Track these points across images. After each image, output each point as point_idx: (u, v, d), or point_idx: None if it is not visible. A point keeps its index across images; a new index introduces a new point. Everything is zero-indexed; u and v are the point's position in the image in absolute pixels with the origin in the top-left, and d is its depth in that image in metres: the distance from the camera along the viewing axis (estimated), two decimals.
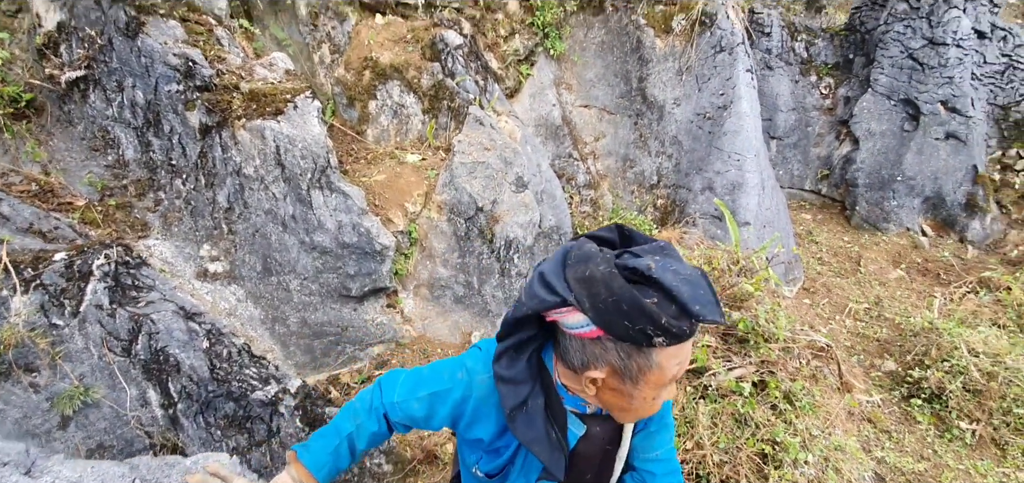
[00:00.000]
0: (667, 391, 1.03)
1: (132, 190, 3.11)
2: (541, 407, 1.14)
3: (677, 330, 0.88)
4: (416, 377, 1.29)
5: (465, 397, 1.21)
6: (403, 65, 3.73)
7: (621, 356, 0.97)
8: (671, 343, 0.91)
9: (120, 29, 2.87)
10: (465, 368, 1.25)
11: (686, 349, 0.97)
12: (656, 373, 0.97)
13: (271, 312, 3.28)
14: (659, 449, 1.31)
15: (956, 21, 4.65)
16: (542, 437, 1.13)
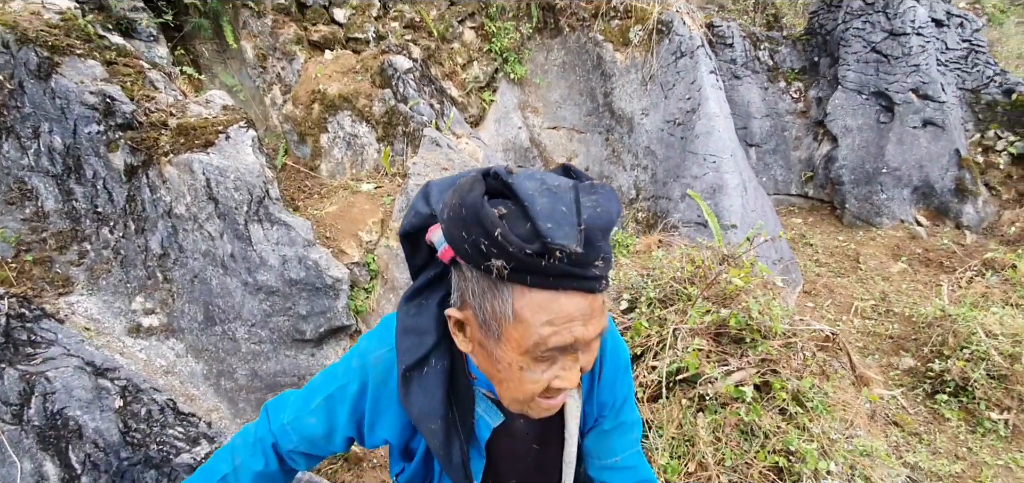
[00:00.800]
0: (545, 367, 0.75)
1: (52, 243, 2.81)
2: (443, 372, 0.88)
3: (516, 250, 0.64)
4: (308, 388, 1.03)
5: (362, 388, 0.95)
6: (353, 94, 3.55)
7: (475, 291, 0.74)
8: (520, 277, 0.68)
9: (32, 71, 2.66)
10: (359, 352, 0.99)
11: (562, 305, 0.70)
12: (517, 328, 0.71)
13: (215, 366, 2.92)
14: (619, 453, 1.07)
15: (912, 10, 4.64)
16: (436, 413, 0.87)
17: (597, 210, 0.68)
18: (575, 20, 4.46)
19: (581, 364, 0.78)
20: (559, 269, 0.67)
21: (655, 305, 2.60)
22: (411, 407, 0.88)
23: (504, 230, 0.65)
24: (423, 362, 0.88)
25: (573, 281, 0.69)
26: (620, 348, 1.04)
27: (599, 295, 0.73)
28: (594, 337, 0.75)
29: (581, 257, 0.66)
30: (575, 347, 0.75)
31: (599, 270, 0.70)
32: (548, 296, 0.69)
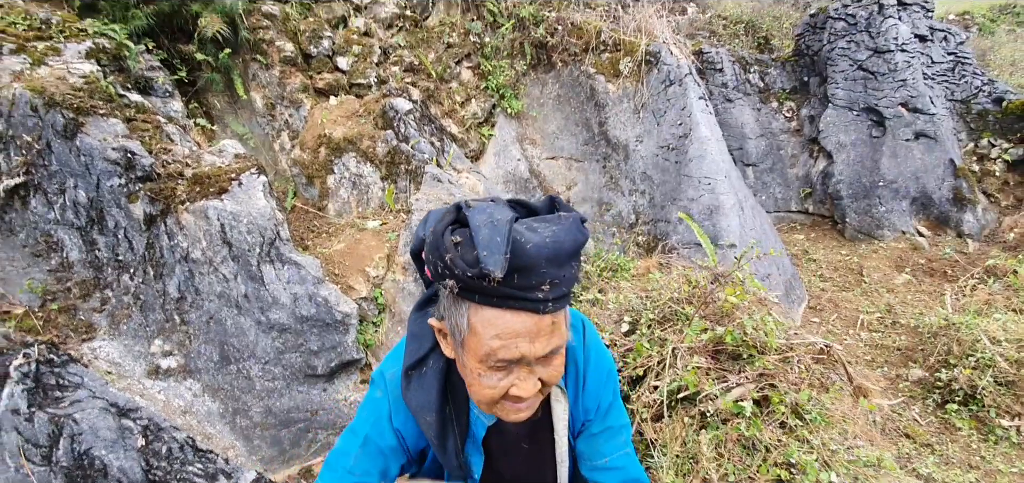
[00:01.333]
0: (502, 376, 0.86)
1: (76, 292, 2.95)
2: (440, 371, 0.99)
3: (460, 274, 0.77)
4: (347, 435, 1.09)
5: (391, 407, 1.05)
6: (357, 137, 3.72)
7: (446, 305, 0.87)
8: (470, 296, 0.80)
9: (58, 131, 2.85)
10: (380, 375, 1.10)
11: (507, 322, 0.80)
12: (472, 339, 0.84)
13: (231, 404, 3.01)
14: (607, 455, 1.16)
15: (894, 28, 4.78)
16: (432, 406, 0.98)
17: (545, 240, 0.78)
18: (567, 55, 4.64)
19: (540, 376, 0.88)
20: (501, 291, 0.77)
21: (655, 326, 2.66)
22: (410, 401, 0.99)
23: (454, 255, 0.77)
24: (421, 362, 1.00)
25: (516, 302, 0.79)
26: (603, 357, 1.14)
27: (547, 315, 0.82)
28: (544, 353, 0.84)
29: (521, 281, 0.77)
30: (524, 361, 0.84)
31: (544, 293, 0.79)
32: (495, 313, 0.80)
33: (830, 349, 2.20)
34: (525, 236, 0.78)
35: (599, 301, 3.21)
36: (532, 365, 0.86)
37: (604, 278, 3.78)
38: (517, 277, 0.77)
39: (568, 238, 0.81)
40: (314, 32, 4.29)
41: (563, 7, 4.75)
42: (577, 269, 0.86)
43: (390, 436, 1.05)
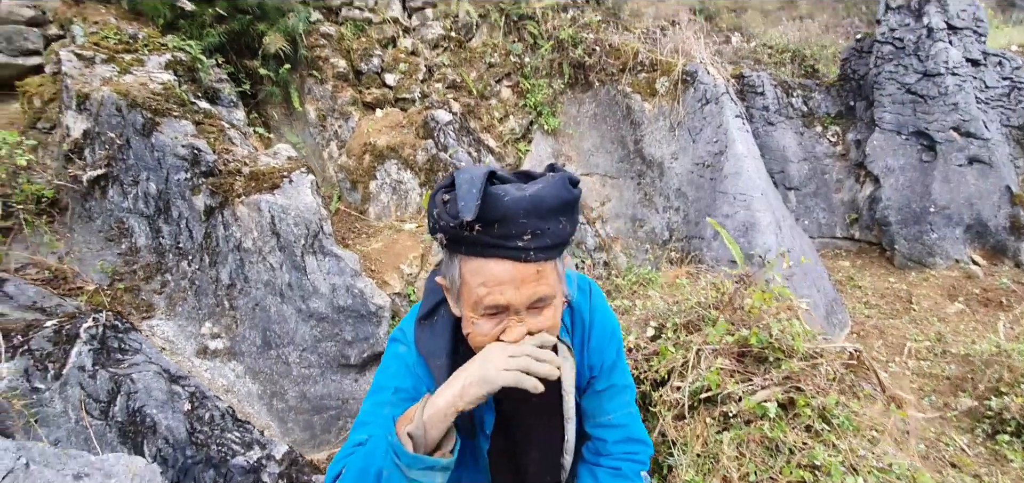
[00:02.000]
0: (494, 324, 0.92)
1: (141, 274, 3.23)
2: (450, 321, 1.05)
3: (445, 226, 0.85)
4: (374, 393, 1.12)
5: (414, 360, 1.09)
6: (399, 145, 3.93)
7: (445, 261, 0.95)
8: (457, 247, 0.89)
9: (137, 130, 3.18)
10: (399, 331, 1.17)
11: (491, 270, 0.87)
12: (464, 289, 0.92)
13: (270, 387, 3.18)
14: (611, 413, 1.22)
15: (944, 52, 4.65)
16: (442, 350, 1.03)
17: (525, 195, 0.85)
18: (604, 75, 4.76)
19: (530, 326, 0.93)
20: (482, 240, 0.85)
21: (680, 330, 2.66)
22: (421, 347, 1.06)
23: (440, 210, 0.86)
24: (432, 313, 1.08)
25: (498, 250, 0.86)
26: (608, 317, 1.21)
27: (530, 264, 0.88)
28: (530, 301, 0.90)
29: (501, 231, 0.85)
30: (511, 308, 0.90)
31: (525, 242, 0.86)
32: (480, 263, 0.88)
33: (860, 354, 2.14)
34: (506, 191, 0.86)
35: (628, 309, 3.22)
36: (520, 313, 0.91)
37: (634, 290, 3.78)
38: (498, 227, 0.85)
39: (549, 193, 0.87)
40: (365, 51, 4.60)
41: (602, 29, 4.89)
42: (566, 225, 0.92)
43: (420, 384, 1.08)
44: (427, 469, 0.87)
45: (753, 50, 8.27)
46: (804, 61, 7.58)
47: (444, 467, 0.89)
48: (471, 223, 0.83)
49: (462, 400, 0.89)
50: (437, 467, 0.88)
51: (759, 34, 8.49)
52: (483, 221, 0.84)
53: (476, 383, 0.89)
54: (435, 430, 0.89)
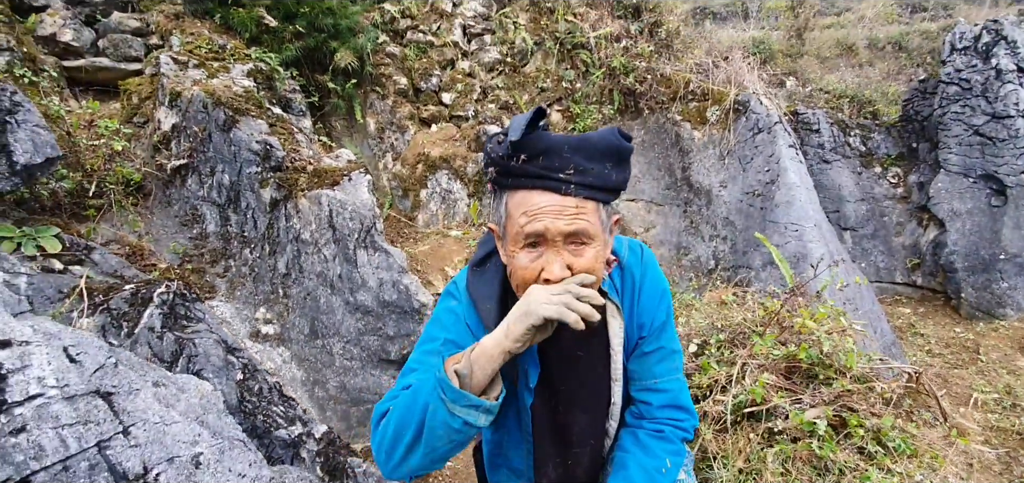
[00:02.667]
0: (534, 256, 0.94)
1: (207, 258, 3.48)
2: (500, 268, 1.07)
3: (495, 157, 0.92)
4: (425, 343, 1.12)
5: (466, 312, 1.11)
6: (451, 157, 4.09)
7: (494, 205, 0.99)
8: (505, 180, 0.93)
9: (219, 125, 3.48)
10: (453, 285, 1.18)
11: (533, 199, 0.91)
12: (509, 223, 0.96)
13: (313, 375, 3.31)
14: (659, 376, 1.18)
15: (1014, 94, 4.43)
16: (492, 295, 1.06)
17: (572, 135, 0.94)
18: (654, 103, 4.81)
19: (570, 263, 0.93)
20: (527, 170, 0.90)
21: (724, 347, 2.60)
22: (473, 291, 1.10)
23: (492, 146, 0.93)
24: (484, 260, 1.13)
25: (540, 181, 0.91)
26: (660, 277, 1.19)
27: (570, 197, 0.91)
28: (568, 231, 0.91)
29: (545, 162, 0.89)
30: (549, 236, 0.92)
31: (567, 176, 0.90)
32: (524, 194, 0.92)
33: (920, 377, 2.02)
34: (552, 132, 0.93)
35: None
36: (558, 245, 0.92)
37: (677, 312, 3.71)
38: (542, 159, 0.89)
39: (597, 137, 0.92)
40: (425, 70, 4.87)
41: (654, 59, 4.97)
42: (612, 172, 0.94)
43: (469, 338, 1.07)
44: (471, 407, 0.88)
45: (809, 94, 8.12)
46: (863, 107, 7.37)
47: (488, 409, 0.90)
48: (516, 147, 0.89)
49: (508, 339, 0.90)
50: (482, 407, 0.89)
51: (815, 80, 8.33)
52: (528, 152, 0.89)
53: (519, 319, 0.90)
54: (482, 372, 0.91)
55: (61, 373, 0.94)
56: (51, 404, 0.90)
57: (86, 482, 0.87)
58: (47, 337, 0.99)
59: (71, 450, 0.87)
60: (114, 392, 1.00)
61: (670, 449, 1.16)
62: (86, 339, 1.08)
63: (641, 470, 1.11)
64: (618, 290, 1.15)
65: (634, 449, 1.15)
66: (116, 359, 1.10)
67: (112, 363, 1.07)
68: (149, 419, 1.02)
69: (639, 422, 1.20)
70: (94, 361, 1.03)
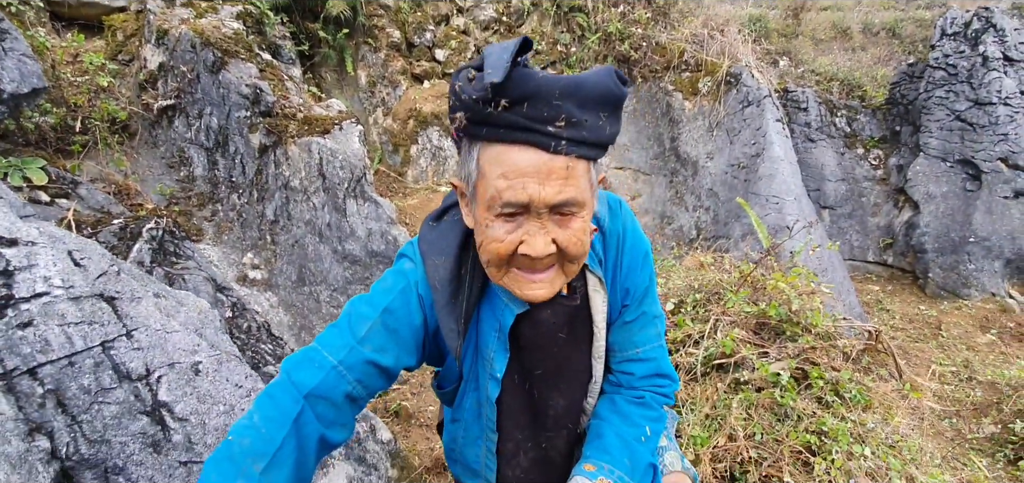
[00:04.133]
0: (511, 228, 0.79)
1: (194, 201, 3.47)
2: (459, 224, 0.92)
3: (467, 99, 0.72)
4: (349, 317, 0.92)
5: (419, 277, 0.94)
6: (443, 113, 4.09)
7: (460, 159, 0.82)
8: (477, 129, 0.75)
9: (207, 66, 3.43)
10: (410, 245, 1.01)
11: (514, 158, 0.74)
12: (481, 184, 0.78)
13: (300, 320, 3.36)
14: (641, 345, 1.07)
15: (998, 81, 4.55)
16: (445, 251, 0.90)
17: (564, 77, 0.73)
18: (648, 71, 4.83)
19: (555, 237, 0.79)
20: (507, 119, 0.71)
21: (700, 305, 2.71)
22: (423, 244, 0.94)
23: (463, 83, 0.73)
24: (443, 213, 0.98)
25: (523, 133, 0.72)
26: (640, 239, 1.05)
27: (560, 157, 0.74)
28: (556, 201, 0.76)
29: (531, 111, 0.71)
30: (533, 208, 0.76)
31: (557, 129, 0.72)
32: (502, 149, 0.75)
33: (880, 335, 2.15)
34: (539, 71, 0.73)
35: None
36: (543, 216, 0.78)
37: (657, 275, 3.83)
38: (527, 106, 0.71)
39: (592, 80, 0.74)
40: (419, 24, 4.81)
41: (650, 27, 4.97)
42: (606, 125, 0.78)
43: (416, 311, 0.92)
44: None
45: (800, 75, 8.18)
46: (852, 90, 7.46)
47: None
48: (498, 89, 0.69)
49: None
50: None
51: (808, 61, 8.39)
52: (511, 96, 0.71)
53: None
54: None
55: (66, 274, 0.98)
56: (57, 303, 0.94)
57: (91, 378, 0.93)
58: (52, 240, 1.03)
59: (77, 347, 0.92)
60: (117, 297, 1.05)
61: (650, 415, 1.06)
62: (90, 246, 1.13)
63: (619, 439, 1.01)
64: (601, 260, 1.01)
65: (612, 417, 1.05)
66: (119, 268, 1.14)
67: (115, 271, 1.11)
68: (151, 326, 1.07)
69: (618, 390, 1.10)
70: (98, 267, 1.07)
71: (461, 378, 1.04)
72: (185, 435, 1.23)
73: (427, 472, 2.67)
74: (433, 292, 0.90)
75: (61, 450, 1.09)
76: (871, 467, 1.88)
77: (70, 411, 1.10)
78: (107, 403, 1.13)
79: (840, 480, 1.84)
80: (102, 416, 1.11)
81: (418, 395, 3.19)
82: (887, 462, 1.88)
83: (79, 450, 1.10)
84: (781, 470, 1.93)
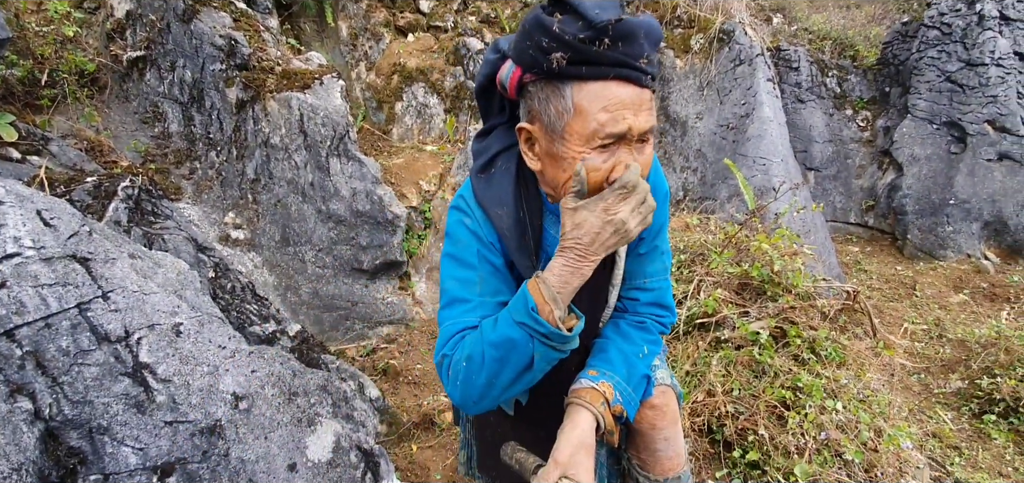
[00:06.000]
0: (606, 157, 0.85)
1: (171, 158, 3.38)
2: (510, 172, 1.01)
3: (572, 40, 0.78)
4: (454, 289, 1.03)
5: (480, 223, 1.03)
6: (428, 69, 3.98)
7: (541, 99, 0.87)
8: (577, 68, 0.81)
9: (178, 15, 3.27)
10: (460, 198, 1.09)
11: (614, 92, 0.82)
12: (577, 120, 0.83)
13: (285, 281, 3.34)
14: (649, 275, 1.17)
15: (992, 41, 4.52)
16: (505, 199, 0.99)
17: (640, 18, 0.81)
18: None
19: (640, 162, 0.88)
20: (609, 57, 0.79)
21: (685, 266, 2.74)
22: (482, 198, 1.02)
23: (562, 23, 0.79)
24: (490, 164, 1.05)
25: (622, 69, 0.81)
26: (662, 180, 1.14)
27: (647, 90, 0.84)
28: (645, 129, 0.86)
29: (626, 49, 0.79)
30: (629, 136, 0.84)
31: (645, 66, 0.82)
32: (601, 85, 0.82)
33: (857, 295, 2.21)
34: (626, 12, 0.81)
35: None
36: (632, 145, 0.86)
37: None
38: (622, 45, 0.79)
39: (651, 22, 0.83)
40: None
41: None
42: (657, 60, 0.88)
43: (497, 247, 1.02)
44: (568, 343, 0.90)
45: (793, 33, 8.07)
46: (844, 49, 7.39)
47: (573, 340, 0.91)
48: (608, 27, 0.77)
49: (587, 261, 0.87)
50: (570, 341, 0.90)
51: (802, 18, 8.26)
52: (612, 36, 0.78)
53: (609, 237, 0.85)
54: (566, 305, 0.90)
55: (36, 235, 0.95)
56: (29, 264, 0.92)
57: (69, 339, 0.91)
58: (20, 199, 0.99)
59: (52, 309, 0.90)
60: (90, 258, 1.02)
61: (648, 338, 1.17)
62: (59, 205, 1.09)
63: (620, 353, 1.12)
64: None
65: (614, 336, 1.16)
66: (90, 228, 1.11)
67: (86, 231, 1.08)
68: (127, 287, 1.05)
69: (622, 315, 1.21)
70: (68, 227, 1.03)
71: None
72: (169, 395, 1.23)
73: (415, 427, 2.72)
74: (503, 240, 0.99)
75: (44, 411, 1.09)
76: (842, 420, 1.95)
77: (50, 372, 1.09)
78: (87, 364, 1.12)
79: (812, 433, 1.92)
80: (83, 377, 1.11)
81: (406, 353, 3.23)
82: (857, 416, 1.95)
83: (62, 411, 1.10)
84: (756, 424, 2.00)
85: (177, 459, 1.08)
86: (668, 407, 1.23)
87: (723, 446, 2.02)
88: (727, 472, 1.96)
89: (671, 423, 1.23)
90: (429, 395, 2.89)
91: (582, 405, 1.03)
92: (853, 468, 1.82)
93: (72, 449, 0.98)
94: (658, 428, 1.21)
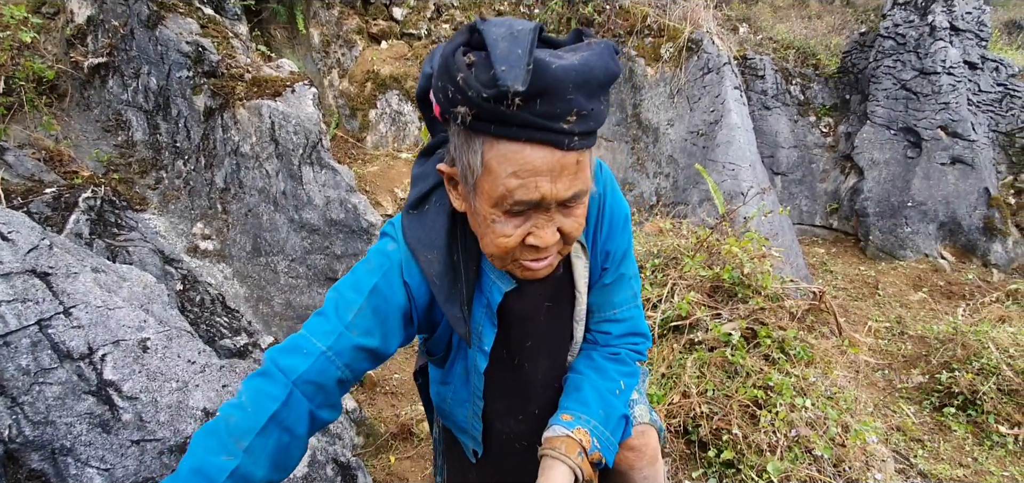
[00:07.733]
0: (519, 223, 0.77)
1: (136, 168, 3.27)
2: (444, 210, 0.90)
3: (475, 96, 0.67)
4: (335, 302, 0.92)
5: (403, 258, 0.93)
6: (402, 76, 3.97)
7: (457, 144, 0.77)
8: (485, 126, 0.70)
9: (142, 21, 3.18)
10: (392, 225, 1.00)
11: (527, 157, 0.71)
12: (486, 179, 0.74)
13: (256, 292, 3.26)
14: (618, 306, 1.10)
15: (944, 51, 4.77)
16: (434, 243, 0.89)
17: (573, 63, 0.68)
18: (611, 36, 4.81)
19: (560, 226, 0.79)
20: (521, 117, 0.67)
21: (659, 270, 2.79)
22: (411, 239, 0.92)
23: (466, 75, 0.67)
24: (424, 200, 0.94)
25: (537, 132, 0.69)
26: (620, 202, 1.06)
27: (572, 153, 0.72)
28: (567, 197, 0.75)
29: (544, 108, 0.67)
30: (544, 204, 0.75)
31: (570, 125, 0.70)
32: (513, 147, 0.71)
33: (823, 296, 2.28)
34: (555, 56, 0.69)
35: None
36: (551, 210, 0.77)
37: None
38: (540, 103, 0.67)
39: (599, 64, 0.70)
40: None
41: None
42: (605, 106, 0.76)
43: (400, 292, 0.92)
44: None
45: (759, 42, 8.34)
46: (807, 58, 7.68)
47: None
48: (517, 94, 0.65)
49: None
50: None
51: (767, 28, 8.55)
52: (524, 95, 0.66)
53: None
54: None
55: None
56: None
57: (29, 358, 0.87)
58: None
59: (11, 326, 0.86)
60: (51, 273, 0.98)
61: (624, 371, 1.11)
62: (16, 218, 1.04)
63: (595, 392, 1.05)
64: None
65: (588, 371, 1.09)
66: (50, 241, 1.07)
67: (46, 245, 1.03)
68: (91, 302, 1.01)
69: (594, 347, 1.14)
70: (27, 241, 0.99)
71: (450, 348, 1.07)
72: (136, 414, 1.19)
73: (393, 438, 2.69)
74: (432, 286, 0.90)
75: (3, 432, 1.04)
76: (811, 417, 2.01)
77: (9, 393, 1.04)
78: (48, 384, 1.07)
79: (783, 430, 1.97)
80: (44, 397, 1.06)
81: (383, 364, 3.19)
82: (826, 412, 2.02)
83: (23, 432, 1.05)
84: (730, 423, 2.04)
85: (144, 479, 1.04)
86: (647, 447, 1.16)
87: (699, 446, 2.06)
88: (703, 472, 2.00)
89: (649, 463, 1.16)
90: (407, 405, 2.87)
91: (557, 458, 0.96)
92: (822, 463, 1.88)
93: (33, 472, 0.93)
94: (636, 469, 1.15)
